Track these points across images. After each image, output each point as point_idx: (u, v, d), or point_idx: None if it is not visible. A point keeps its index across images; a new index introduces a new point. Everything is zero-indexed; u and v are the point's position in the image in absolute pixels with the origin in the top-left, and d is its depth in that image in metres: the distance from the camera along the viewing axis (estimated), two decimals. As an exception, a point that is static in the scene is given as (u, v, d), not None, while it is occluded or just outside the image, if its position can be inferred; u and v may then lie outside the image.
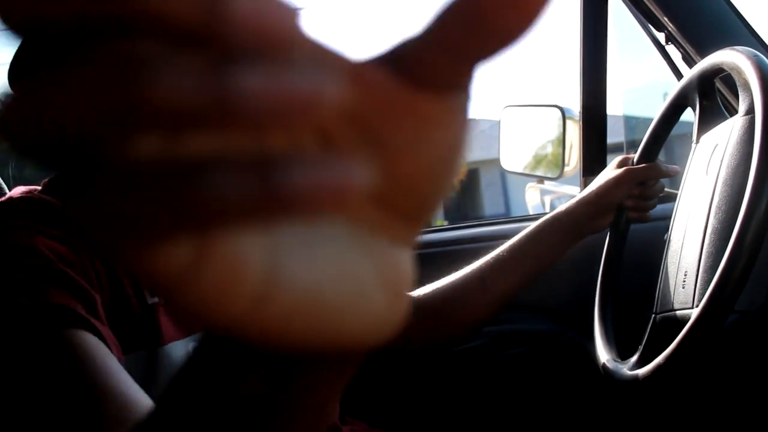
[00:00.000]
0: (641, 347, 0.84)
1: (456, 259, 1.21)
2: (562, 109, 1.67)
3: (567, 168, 1.70)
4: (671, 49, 1.13)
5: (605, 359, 0.90)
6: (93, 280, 0.65)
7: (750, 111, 0.75)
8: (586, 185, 1.11)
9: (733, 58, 0.77)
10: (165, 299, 0.18)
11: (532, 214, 2.39)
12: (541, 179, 2.35)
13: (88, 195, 0.15)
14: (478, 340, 1.23)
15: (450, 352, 1.15)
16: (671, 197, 1.18)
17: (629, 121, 1.87)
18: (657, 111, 1.00)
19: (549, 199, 2.54)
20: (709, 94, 0.88)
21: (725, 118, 0.85)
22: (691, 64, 1.08)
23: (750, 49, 0.76)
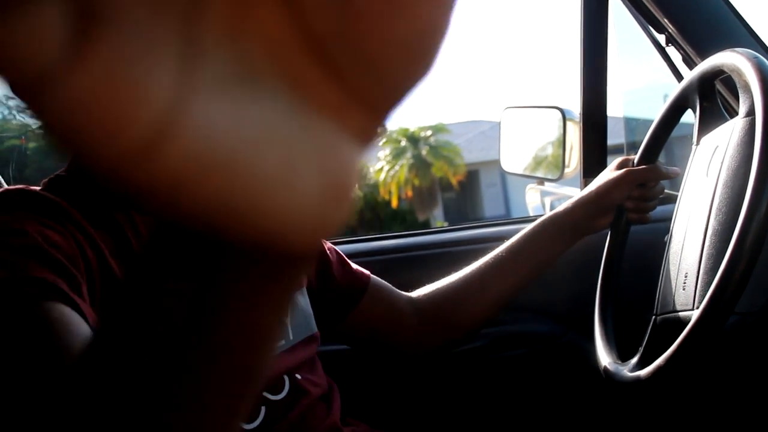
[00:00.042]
0: (641, 349, 0.84)
1: (456, 261, 1.21)
2: (562, 111, 1.68)
3: (567, 169, 1.70)
4: (671, 51, 1.13)
5: (605, 361, 0.90)
6: (81, 267, 0.65)
7: (750, 113, 0.76)
8: (586, 186, 1.11)
9: (734, 59, 0.77)
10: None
11: (532, 215, 2.39)
12: (542, 181, 2.35)
13: None
14: (478, 341, 1.23)
15: (450, 354, 1.15)
16: (671, 199, 1.18)
17: (629, 123, 1.87)
18: (657, 113, 1.00)
19: (549, 201, 2.54)
20: (710, 95, 0.88)
21: (725, 119, 0.85)
22: (692, 65, 1.08)
23: (750, 51, 0.76)
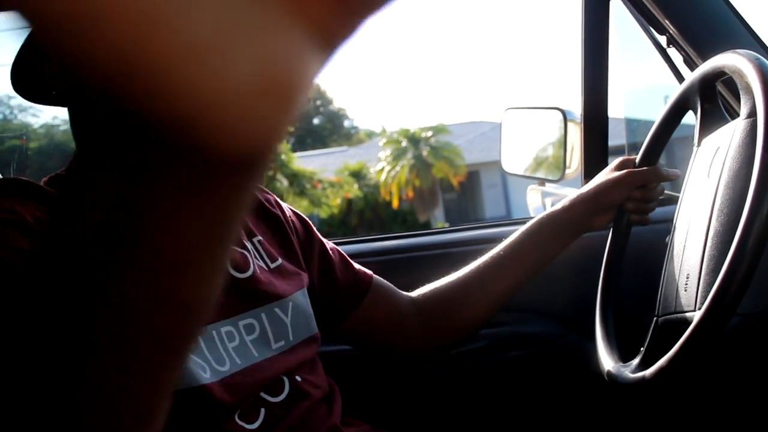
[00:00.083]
0: (643, 350, 0.84)
1: (457, 261, 1.21)
2: (563, 112, 1.67)
3: (568, 170, 1.70)
4: (672, 52, 1.13)
5: (606, 362, 0.90)
6: None
7: (752, 114, 0.76)
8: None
9: (735, 61, 0.77)
10: None
11: (533, 216, 2.39)
12: (543, 182, 2.34)
13: None
14: (480, 342, 1.23)
15: (452, 354, 1.14)
16: (672, 200, 1.18)
17: (630, 124, 1.87)
18: (658, 114, 1.00)
19: (550, 202, 2.53)
20: (711, 97, 0.88)
21: (726, 121, 0.85)
22: (693, 66, 1.08)
23: (752, 53, 0.76)
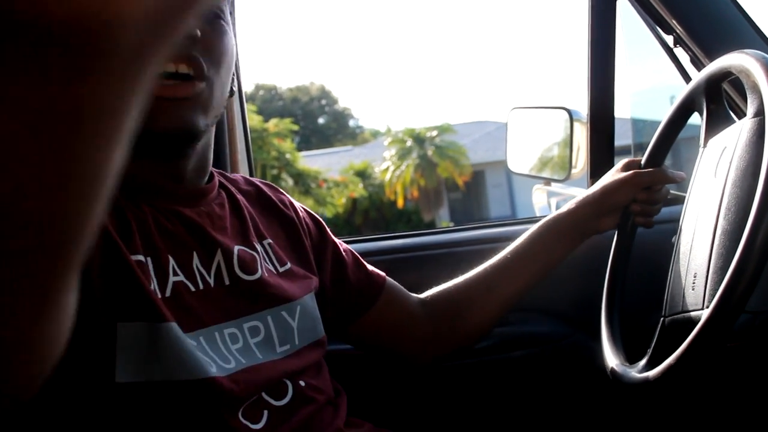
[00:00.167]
0: (650, 350, 0.83)
1: (462, 261, 1.21)
2: (569, 111, 1.67)
3: (574, 170, 1.70)
4: (679, 52, 1.13)
5: (612, 362, 0.90)
6: None
7: (759, 113, 0.75)
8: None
9: (742, 60, 0.77)
10: None
11: (538, 216, 2.39)
12: (548, 181, 2.34)
13: None
14: (485, 341, 1.22)
15: (455, 353, 1.14)
16: (679, 200, 1.18)
17: (637, 124, 1.87)
18: (664, 115, 1.00)
19: (555, 201, 2.53)
20: (717, 98, 0.88)
21: (732, 122, 0.85)
22: (700, 66, 1.07)
23: (758, 52, 0.76)
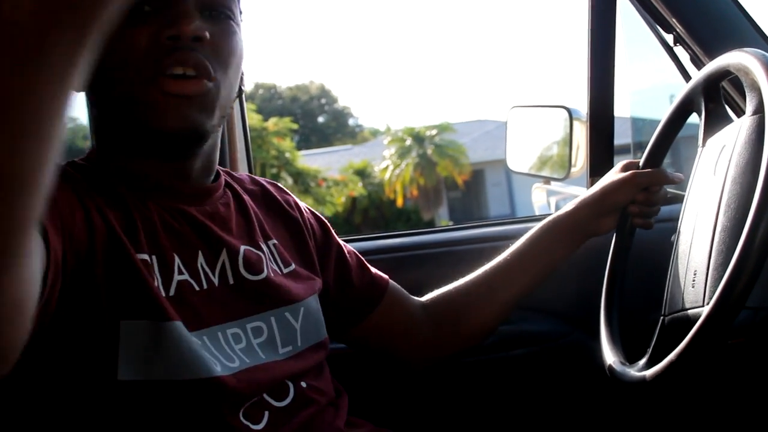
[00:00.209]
0: (650, 350, 0.83)
1: (461, 260, 1.21)
2: (569, 110, 1.67)
3: (573, 169, 1.70)
4: (679, 51, 1.13)
5: (611, 361, 0.89)
6: (77, 218, 0.67)
7: (758, 110, 0.75)
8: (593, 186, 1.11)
9: (740, 59, 0.77)
10: None
11: (537, 214, 2.39)
12: (548, 180, 2.34)
13: None
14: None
15: (457, 357, 1.14)
16: (678, 199, 1.18)
17: (636, 123, 1.87)
18: (663, 116, 1.00)
19: (555, 200, 2.53)
20: (715, 97, 0.88)
21: (730, 121, 0.85)
22: (700, 65, 1.07)
23: (757, 50, 0.76)
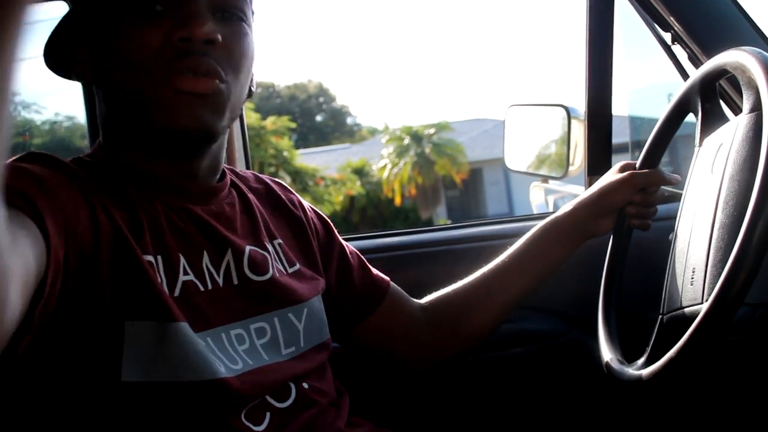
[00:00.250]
0: (649, 349, 0.83)
1: (459, 258, 1.21)
2: (567, 109, 1.68)
3: (571, 168, 1.70)
4: (677, 49, 1.13)
5: (608, 358, 0.89)
6: (82, 216, 0.67)
7: (755, 108, 0.76)
8: (591, 185, 1.11)
9: (737, 57, 0.77)
10: None
11: (536, 213, 2.39)
12: (546, 178, 2.35)
13: None
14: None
15: (457, 360, 1.14)
16: (675, 197, 1.18)
17: (634, 122, 1.87)
18: (659, 116, 1.00)
19: (553, 199, 2.54)
20: (711, 97, 0.88)
21: (727, 120, 0.85)
22: (698, 64, 1.08)
23: (753, 48, 0.76)
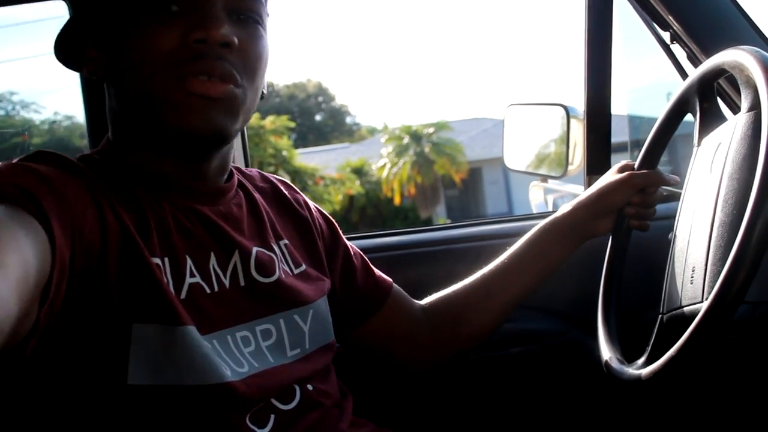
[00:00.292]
0: (649, 348, 0.83)
1: (459, 257, 1.21)
2: (566, 108, 1.68)
3: (571, 167, 1.70)
4: (676, 48, 1.13)
5: (607, 357, 0.89)
6: (89, 216, 0.68)
7: (754, 107, 0.76)
8: (590, 184, 1.11)
9: (735, 56, 0.77)
10: None
11: (535, 212, 2.39)
12: (545, 178, 2.34)
13: None
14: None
15: (458, 359, 1.14)
16: (674, 197, 1.18)
17: (633, 121, 1.87)
18: (658, 117, 1.00)
19: (552, 198, 2.53)
20: (709, 96, 0.88)
21: (725, 119, 0.85)
22: (696, 63, 1.08)
23: (751, 47, 0.76)
